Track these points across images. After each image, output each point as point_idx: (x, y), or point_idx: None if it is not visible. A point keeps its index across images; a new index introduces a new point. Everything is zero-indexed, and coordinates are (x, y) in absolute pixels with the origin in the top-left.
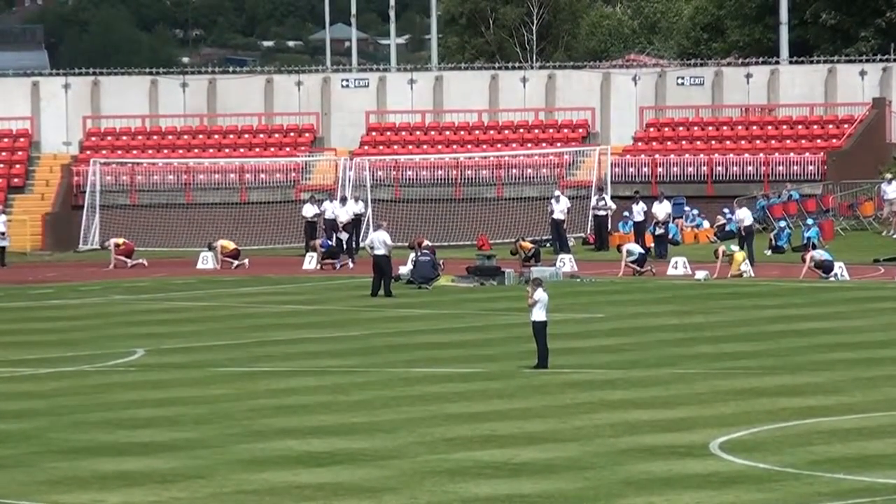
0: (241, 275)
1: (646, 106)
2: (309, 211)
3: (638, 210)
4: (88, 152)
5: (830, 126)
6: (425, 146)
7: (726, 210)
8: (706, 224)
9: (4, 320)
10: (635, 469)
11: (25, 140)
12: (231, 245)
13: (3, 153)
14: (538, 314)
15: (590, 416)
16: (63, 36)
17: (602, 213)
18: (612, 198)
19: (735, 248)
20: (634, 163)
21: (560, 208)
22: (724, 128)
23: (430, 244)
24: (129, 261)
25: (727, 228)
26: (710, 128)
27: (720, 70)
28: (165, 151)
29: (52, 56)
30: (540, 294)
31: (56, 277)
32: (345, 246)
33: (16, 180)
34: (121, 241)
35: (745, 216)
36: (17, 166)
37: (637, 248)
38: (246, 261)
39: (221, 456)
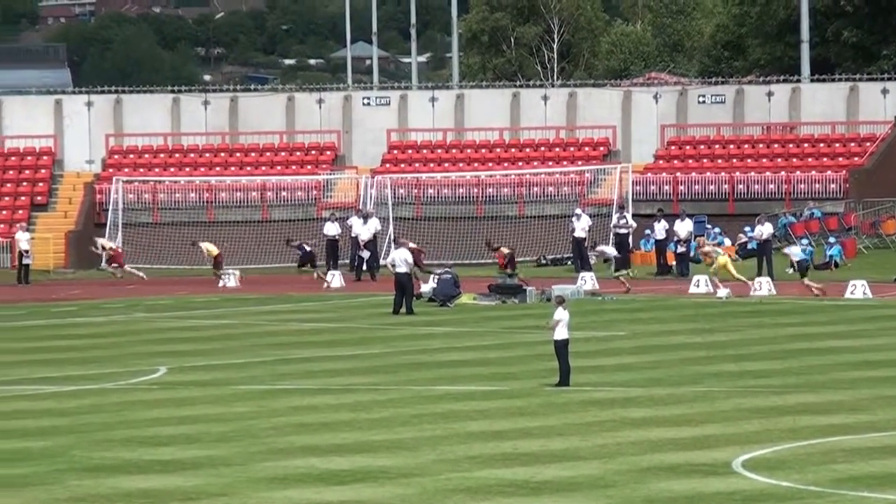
0: (263, 293)
1: (667, 124)
2: (330, 229)
3: (660, 228)
4: (111, 170)
5: (852, 144)
6: (447, 164)
7: (747, 228)
8: (728, 242)
9: (28, 338)
10: (658, 487)
11: (49, 158)
12: (215, 251)
13: (27, 171)
14: (560, 332)
15: (612, 434)
16: (86, 54)
17: (623, 231)
18: (634, 216)
19: (720, 251)
20: (656, 181)
21: (581, 226)
22: (746, 146)
23: (414, 246)
24: (116, 271)
25: (749, 246)
26: (732, 146)
27: (741, 88)
28: (187, 169)
29: (74, 74)
30: (561, 313)
31: (79, 295)
32: (365, 265)
33: (39, 198)
34: (109, 244)
35: (764, 230)
36: (41, 184)
37: (612, 251)
38: (236, 273)
39: (244, 474)
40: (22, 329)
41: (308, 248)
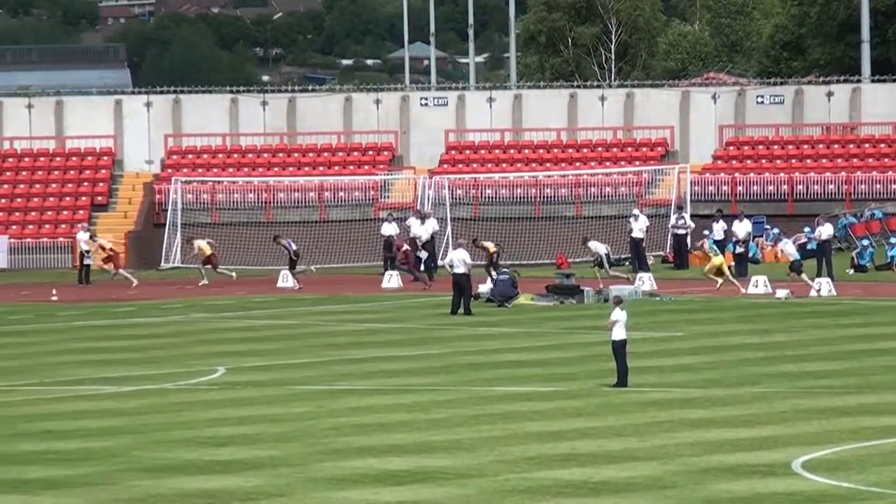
0: (320, 293)
1: (725, 124)
2: (388, 229)
3: (718, 228)
4: (170, 170)
5: None
6: (504, 164)
7: (807, 229)
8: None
9: (88, 338)
10: (717, 488)
11: (109, 158)
12: (209, 251)
13: (87, 171)
14: (618, 333)
15: (670, 435)
16: (145, 54)
17: (681, 231)
18: (692, 216)
19: (717, 249)
20: (714, 181)
21: (639, 227)
22: (805, 146)
23: (403, 244)
24: (113, 270)
25: (808, 247)
26: (791, 146)
27: (801, 88)
28: (246, 170)
29: (134, 74)
30: (619, 313)
31: (138, 296)
32: (422, 265)
33: (99, 198)
34: (108, 244)
35: (824, 231)
36: (101, 185)
37: (601, 249)
38: (233, 274)
39: (302, 474)
40: (83, 329)
41: (294, 248)
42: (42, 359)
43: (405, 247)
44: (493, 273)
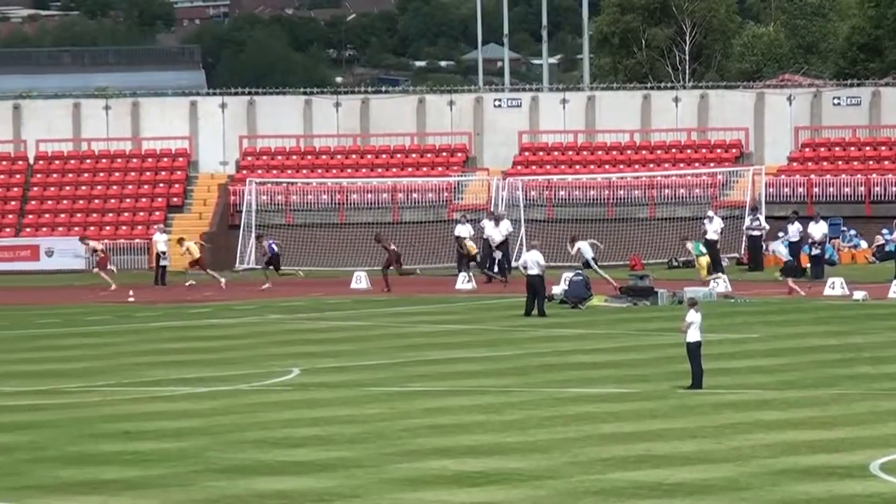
0: (394, 295)
1: (801, 126)
2: (461, 231)
3: (794, 230)
4: (244, 172)
5: None
6: (577, 166)
7: (885, 230)
8: (864, 244)
9: (164, 339)
10: (793, 490)
11: (184, 160)
12: (198, 254)
13: (163, 172)
14: (692, 334)
15: (745, 437)
16: (220, 55)
17: (756, 233)
18: (766, 218)
19: (703, 249)
20: (789, 183)
21: (713, 228)
22: (883, 148)
23: (395, 249)
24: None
25: (886, 249)
26: (868, 148)
27: (878, 90)
28: (319, 171)
29: (209, 76)
30: (693, 315)
31: (213, 297)
32: (496, 267)
33: (175, 200)
34: (100, 247)
35: None
36: (176, 186)
37: (589, 253)
38: (223, 280)
39: (376, 475)
40: (159, 330)
41: (276, 250)
42: (119, 360)
43: (392, 247)
44: (467, 270)
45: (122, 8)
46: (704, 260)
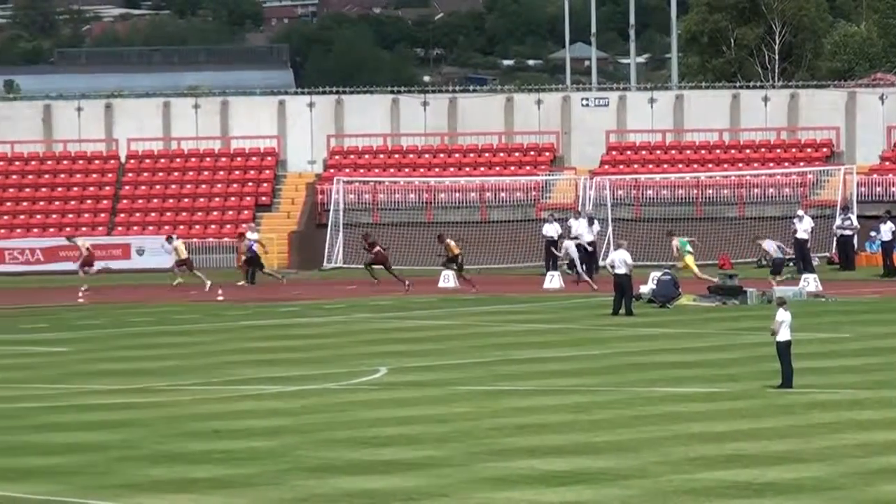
0: (481, 294)
1: (893, 125)
2: (549, 230)
3: (886, 230)
4: (332, 171)
5: None
6: (665, 165)
7: None
8: None
9: (253, 338)
10: (886, 490)
11: (272, 159)
12: (185, 254)
13: (251, 172)
14: (783, 333)
15: (837, 437)
16: (308, 55)
17: (848, 232)
18: (858, 217)
19: (690, 249)
20: (882, 182)
21: (804, 227)
22: None
23: (381, 248)
24: (88, 269)
25: None
26: None
27: None
28: (407, 170)
29: (297, 75)
30: (783, 314)
31: (302, 295)
32: (584, 266)
33: (263, 199)
34: (88, 244)
35: None
36: (265, 185)
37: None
38: (209, 283)
39: (464, 474)
40: (248, 329)
41: (255, 250)
42: (209, 358)
43: (377, 248)
44: (452, 270)
45: (211, 7)
46: (691, 258)
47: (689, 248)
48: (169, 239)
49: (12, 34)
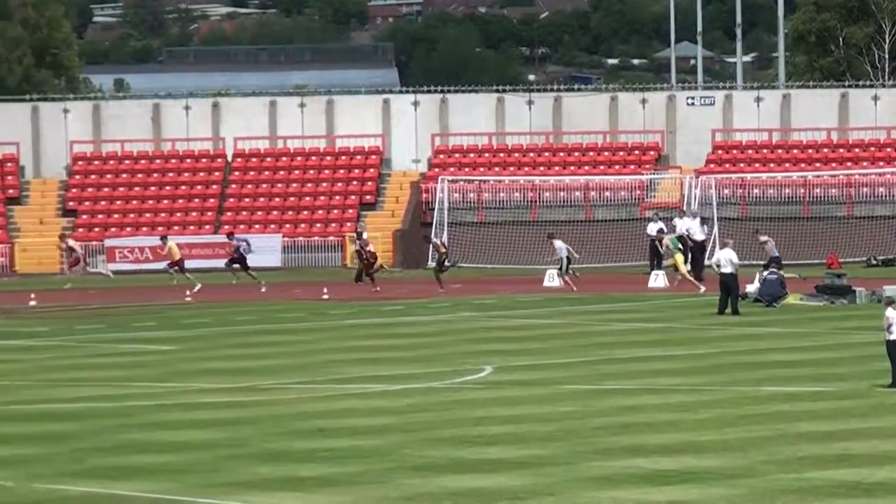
0: (585, 292)
1: None
2: (653, 229)
3: None
4: (436, 170)
5: None
6: (772, 164)
7: None
8: None
9: (358, 336)
10: None
11: (377, 157)
12: (178, 255)
13: (356, 170)
14: (893, 333)
15: None
16: (413, 53)
17: None
18: None
19: (680, 246)
20: None
21: None
22: None
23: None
24: (77, 268)
25: None
26: None
27: None
28: (511, 169)
29: (401, 73)
30: (893, 313)
31: (407, 294)
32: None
33: (367, 197)
34: (77, 246)
35: None
36: (369, 183)
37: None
38: (198, 285)
39: (570, 473)
40: (353, 328)
41: (242, 253)
42: (313, 357)
43: (369, 246)
44: (442, 269)
45: (317, 6)
46: (680, 257)
47: (679, 245)
48: (163, 239)
49: (122, 33)
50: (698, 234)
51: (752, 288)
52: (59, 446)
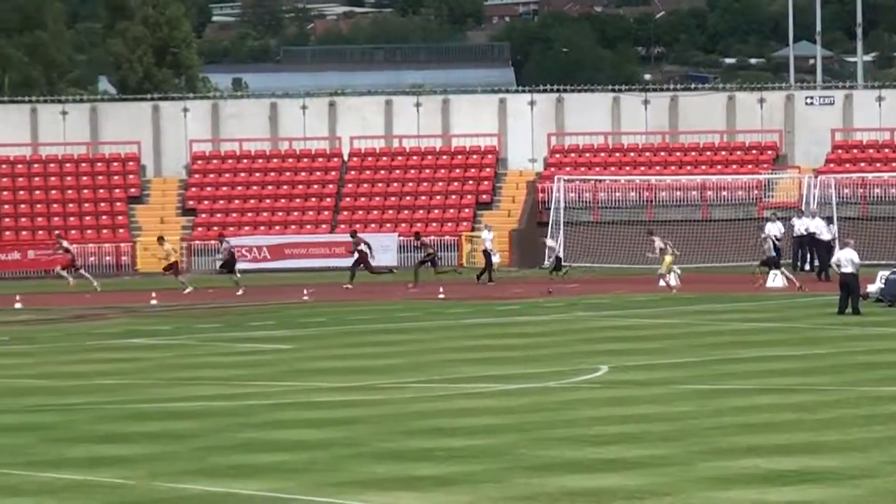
0: (692, 292)
1: None
2: (772, 229)
3: None
4: (552, 169)
5: None
6: (894, 164)
7: None
8: None
9: (473, 336)
10: None
11: (493, 157)
12: (174, 257)
13: (472, 169)
14: None
15: None
16: (529, 52)
17: None
18: None
19: (671, 248)
20: None
21: None
22: None
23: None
24: (67, 273)
25: None
26: None
27: None
28: (627, 168)
29: (518, 73)
30: None
31: (522, 294)
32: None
33: (483, 196)
34: (72, 247)
35: None
36: (485, 183)
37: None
38: (189, 288)
39: (687, 473)
40: (469, 327)
41: (232, 252)
42: (429, 356)
43: (362, 245)
44: (420, 270)
45: (433, 5)
46: (669, 258)
47: (676, 252)
48: (160, 240)
49: (240, 32)
50: (825, 234)
51: (873, 288)
52: (179, 445)
